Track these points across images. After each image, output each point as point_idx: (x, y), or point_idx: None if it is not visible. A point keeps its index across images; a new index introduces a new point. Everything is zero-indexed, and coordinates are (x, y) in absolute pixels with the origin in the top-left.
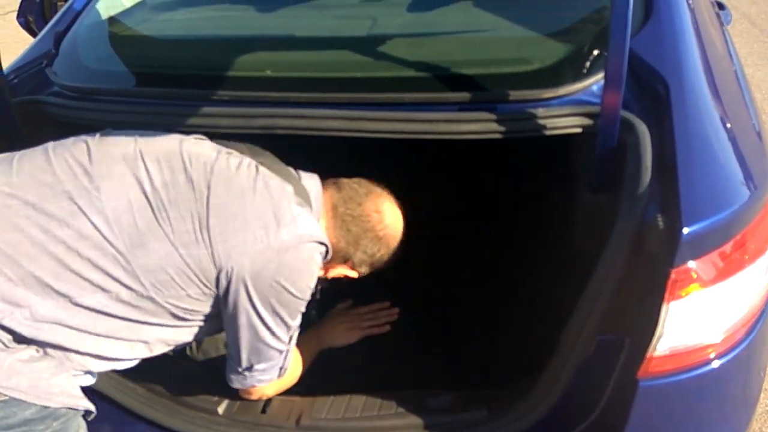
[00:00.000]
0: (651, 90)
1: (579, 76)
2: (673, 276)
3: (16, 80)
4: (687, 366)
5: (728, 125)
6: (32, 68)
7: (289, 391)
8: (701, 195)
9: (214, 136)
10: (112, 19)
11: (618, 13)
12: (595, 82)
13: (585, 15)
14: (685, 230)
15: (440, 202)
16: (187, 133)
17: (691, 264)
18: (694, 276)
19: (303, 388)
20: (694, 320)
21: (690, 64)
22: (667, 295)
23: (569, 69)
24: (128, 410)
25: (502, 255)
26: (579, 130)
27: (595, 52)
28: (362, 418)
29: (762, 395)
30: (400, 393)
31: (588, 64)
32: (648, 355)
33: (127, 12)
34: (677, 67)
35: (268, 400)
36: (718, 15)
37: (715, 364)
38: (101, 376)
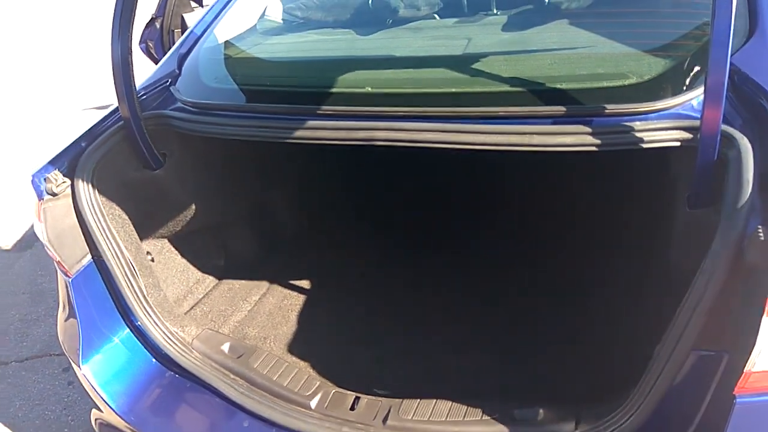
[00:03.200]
0: (753, 105)
1: (678, 91)
2: None
3: (145, 96)
4: None
5: None
6: (159, 86)
7: (378, 393)
8: None
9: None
10: (227, 43)
11: (719, 27)
12: (694, 97)
13: (685, 31)
14: None
15: (538, 218)
16: (294, 144)
17: None
18: None
19: (391, 390)
20: None
21: None
22: (765, 313)
23: (668, 84)
24: (229, 400)
25: (597, 272)
26: (677, 143)
27: (695, 68)
28: (448, 423)
29: None
30: (487, 402)
31: (687, 79)
32: (746, 370)
33: (239, 36)
34: None
35: (357, 398)
36: None
37: None
38: (204, 365)
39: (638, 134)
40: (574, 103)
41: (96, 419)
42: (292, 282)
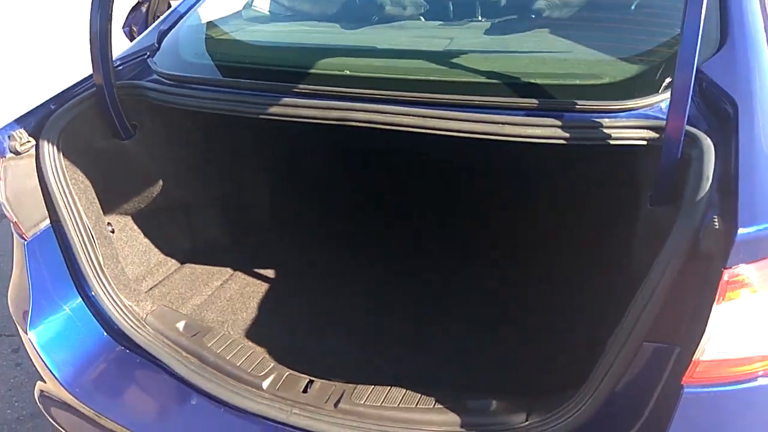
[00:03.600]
0: (719, 111)
1: (647, 93)
2: (725, 277)
3: (121, 67)
4: (734, 377)
5: None
6: (136, 58)
7: (332, 376)
8: (759, 204)
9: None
10: (210, 24)
11: (688, 33)
12: (663, 99)
13: (658, 41)
14: (741, 231)
15: (503, 214)
16: (267, 127)
17: (744, 267)
18: (747, 280)
19: (346, 377)
20: (744, 327)
21: (761, 89)
22: (718, 297)
23: (638, 86)
24: (179, 377)
25: (557, 267)
26: (644, 142)
27: (665, 73)
28: (400, 409)
29: None
30: (441, 391)
31: (657, 83)
32: (695, 358)
33: (223, 19)
34: (748, 91)
35: (310, 381)
36: None
37: (764, 381)
38: (156, 341)
39: (607, 131)
40: (546, 97)
41: (39, 391)
42: (256, 270)
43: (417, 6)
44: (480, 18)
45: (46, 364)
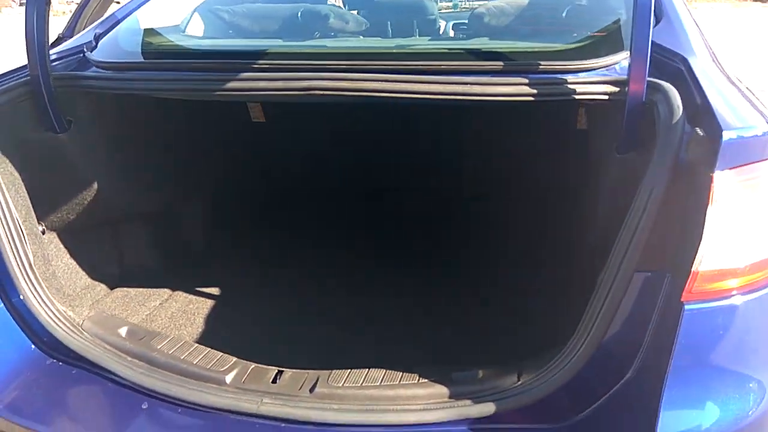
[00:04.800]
0: (671, 68)
1: (604, 54)
2: (714, 181)
3: (56, 63)
4: (731, 289)
5: (737, 86)
6: (72, 53)
7: (302, 365)
8: (734, 113)
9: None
10: (149, 30)
11: None
12: (619, 60)
13: (598, 26)
14: (725, 133)
15: (473, 179)
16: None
17: (729, 172)
18: (734, 183)
19: (317, 363)
20: (735, 231)
21: (699, 47)
22: (709, 201)
23: (593, 50)
24: (124, 381)
25: (531, 228)
26: (605, 97)
27: (615, 41)
28: (383, 387)
29: None
30: (423, 367)
31: (610, 48)
32: (693, 270)
33: (163, 28)
34: (689, 48)
35: (279, 372)
36: None
37: (741, 298)
38: (96, 347)
39: (570, 86)
40: (511, 61)
41: None
42: (198, 289)
43: (358, 23)
44: (418, 35)
45: None
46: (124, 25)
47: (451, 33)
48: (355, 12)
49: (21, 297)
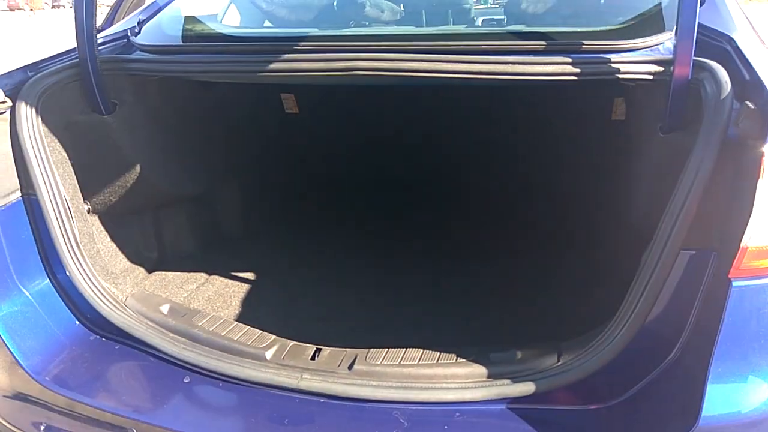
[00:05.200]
0: (716, 48)
1: (648, 34)
2: (766, 153)
3: (102, 47)
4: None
5: None
6: (117, 38)
7: (339, 344)
8: None
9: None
10: (189, 17)
11: None
12: (664, 40)
13: (642, 5)
14: None
15: (514, 162)
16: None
17: None
18: None
19: (354, 342)
20: None
21: (743, 26)
22: (761, 173)
23: (637, 30)
24: (167, 356)
25: (569, 211)
26: (650, 77)
27: (659, 21)
28: (421, 366)
29: None
30: (460, 347)
31: (654, 28)
32: (742, 245)
33: (203, 16)
34: (734, 27)
35: (318, 350)
36: None
37: None
38: (139, 323)
39: (615, 66)
40: (554, 41)
41: None
42: (234, 273)
43: (394, 12)
44: (452, 24)
45: (10, 350)
46: (166, 12)
47: (481, 21)
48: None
49: (67, 273)
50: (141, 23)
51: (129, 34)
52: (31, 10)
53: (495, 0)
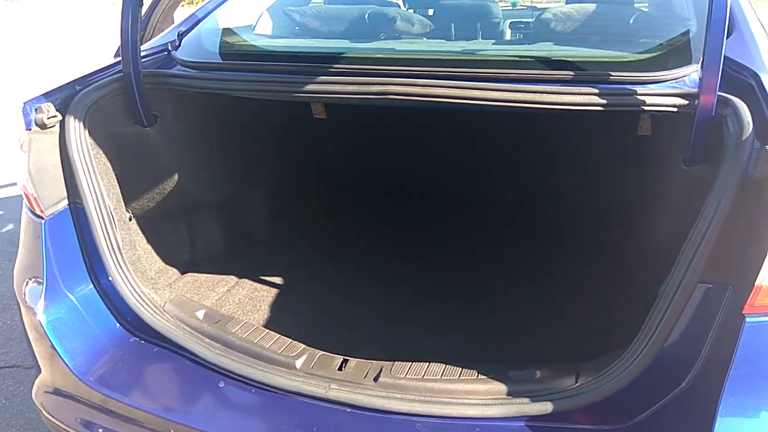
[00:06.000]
0: (741, 82)
1: (674, 66)
2: None
3: (143, 60)
4: None
5: None
6: (158, 51)
7: (364, 354)
8: None
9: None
10: (228, 29)
11: (716, 7)
12: (689, 73)
13: (666, 36)
14: None
15: (533, 185)
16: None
17: None
18: None
19: (380, 355)
20: None
21: None
22: None
23: (663, 61)
24: (202, 361)
25: (591, 235)
26: (674, 109)
27: (686, 52)
28: (443, 381)
29: None
30: (482, 364)
31: (681, 60)
32: (757, 284)
33: (240, 28)
34: (761, 64)
35: (345, 360)
36: None
37: None
38: (177, 328)
39: (640, 98)
40: (581, 70)
41: (41, 391)
42: (262, 277)
43: (424, 25)
44: (481, 38)
45: (58, 351)
46: (205, 25)
47: (509, 33)
48: (417, 13)
49: (110, 279)
50: (181, 36)
51: (170, 47)
52: None
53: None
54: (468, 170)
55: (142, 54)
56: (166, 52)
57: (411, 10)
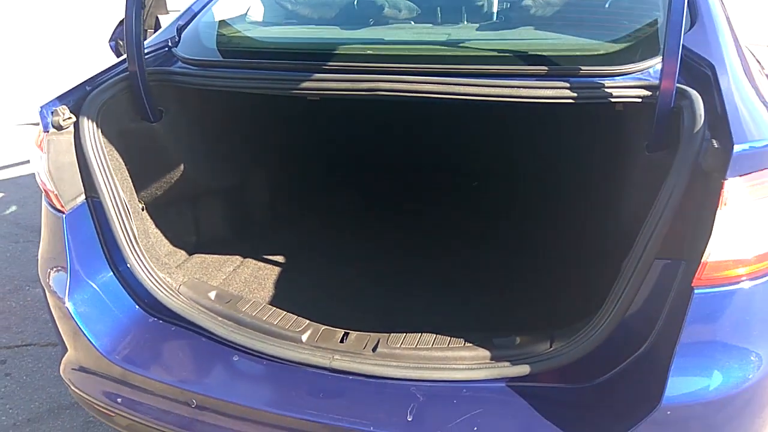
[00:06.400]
0: (698, 72)
1: (638, 59)
2: (725, 187)
3: (146, 57)
4: (735, 278)
5: (762, 96)
6: (159, 48)
7: (365, 329)
8: (747, 127)
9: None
10: (224, 22)
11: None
12: (652, 65)
13: (634, 26)
14: (736, 147)
15: (512, 171)
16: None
17: (739, 179)
18: (741, 190)
19: (377, 327)
20: (741, 231)
21: (728, 55)
22: (720, 204)
23: (628, 55)
24: (218, 338)
25: (562, 215)
26: (639, 100)
27: (650, 45)
28: (433, 349)
29: None
30: (468, 333)
31: (645, 53)
32: (703, 260)
33: (232, 19)
34: (719, 55)
35: (346, 333)
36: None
37: (748, 284)
38: (192, 308)
39: (608, 90)
40: (554, 65)
41: (68, 368)
42: (265, 256)
43: (410, 9)
44: (466, 22)
45: (84, 333)
46: (202, 18)
47: (492, 16)
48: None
49: (128, 266)
50: (179, 30)
51: (170, 44)
52: None
53: None
54: (453, 152)
55: (146, 48)
56: (166, 49)
57: None
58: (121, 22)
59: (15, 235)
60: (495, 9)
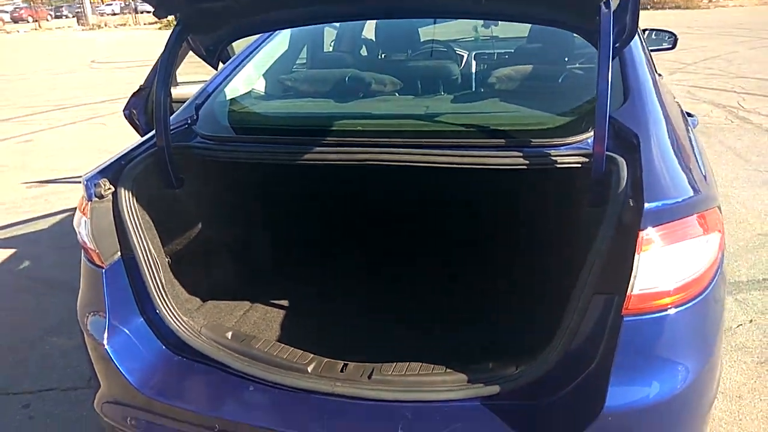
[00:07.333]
0: (627, 142)
1: (578, 133)
2: (640, 236)
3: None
4: (654, 308)
5: (682, 162)
6: (179, 126)
7: (360, 358)
8: (657, 190)
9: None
10: (234, 100)
11: (601, 92)
12: (589, 136)
13: (580, 100)
14: (647, 205)
15: (477, 223)
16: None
17: (651, 230)
18: (653, 238)
19: (372, 359)
20: (655, 270)
21: (653, 128)
22: (638, 249)
23: (571, 128)
24: (235, 371)
25: (522, 261)
26: (578, 165)
27: (590, 119)
28: (420, 374)
29: None
30: (449, 361)
31: (584, 126)
32: (628, 294)
33: (242, 96)
34: (645, 129)
35: (345, 364)
36: (685, 117)
37: (672, 310)
38: (212, 347)
39: (554, 158)
40: (512, 138)
41: (101, 401)
42: (271, 301)
43: (394, 84)
44: (443, 93)
45: (121, 371)
46: (216, 98)
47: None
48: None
49: (157, 312)
50: (197, 108)
51: (189, 122)
52: (36, 21)
53: (483, 34)
54: (435, 210)
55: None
56: (186, 126)
57: (383, 55)
58: (136, 92)
59: (30, 288)
60: (467, 82)
